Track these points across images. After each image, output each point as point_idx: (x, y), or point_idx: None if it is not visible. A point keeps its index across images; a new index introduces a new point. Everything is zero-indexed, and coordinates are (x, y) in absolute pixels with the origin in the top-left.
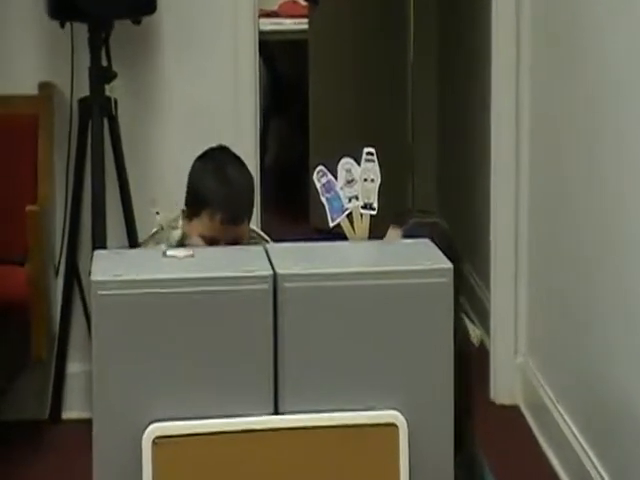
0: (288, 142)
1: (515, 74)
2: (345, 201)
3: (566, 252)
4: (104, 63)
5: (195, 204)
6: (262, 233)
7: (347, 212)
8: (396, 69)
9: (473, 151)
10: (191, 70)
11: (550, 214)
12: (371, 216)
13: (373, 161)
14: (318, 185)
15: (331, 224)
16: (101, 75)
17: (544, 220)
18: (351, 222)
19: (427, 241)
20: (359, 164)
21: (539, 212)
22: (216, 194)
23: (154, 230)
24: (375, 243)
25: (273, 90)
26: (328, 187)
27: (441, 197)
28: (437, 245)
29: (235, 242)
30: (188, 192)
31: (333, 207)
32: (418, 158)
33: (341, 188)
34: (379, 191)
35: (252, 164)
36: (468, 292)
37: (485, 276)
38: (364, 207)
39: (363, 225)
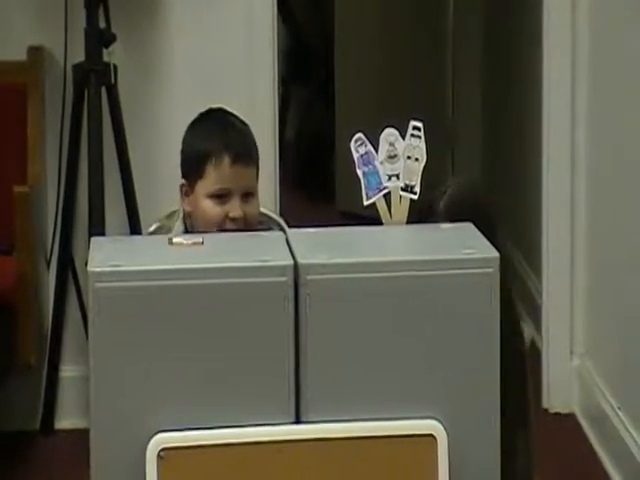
0: (311, 113)
1: (570, 31)
2: (384, 178)
3: (630, 236)
4: (102, 24)
5: (196, 164)
6: (275, 216)
7: (385, 192)
8: (434, 29)
9: (523, 125)
10: (200, 32)
11: (611, 194)
12: (411, 200)
13: (420, 137)
14: (355, 155)
15: (365, 202)
16: (99, 38)
17: (604, 201)
18: (388, 204)
19: (470, 225)
20: (403, 137)
21: (598, 193)
22: (219, 138)
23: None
24: (411, 228)
25: (294, 53)
26: (366, 159)
27: (486, 177)
28: (478, 217)
29: (248, 194)
30: (184, 159)
31: (370, 183)
32: (459, 132)
33: (381, 163)
34: (423, 173)
35: (270, 138)
36: (516, 284)
37: (536, 265)
38: (404, 189)
39: (402, 209)
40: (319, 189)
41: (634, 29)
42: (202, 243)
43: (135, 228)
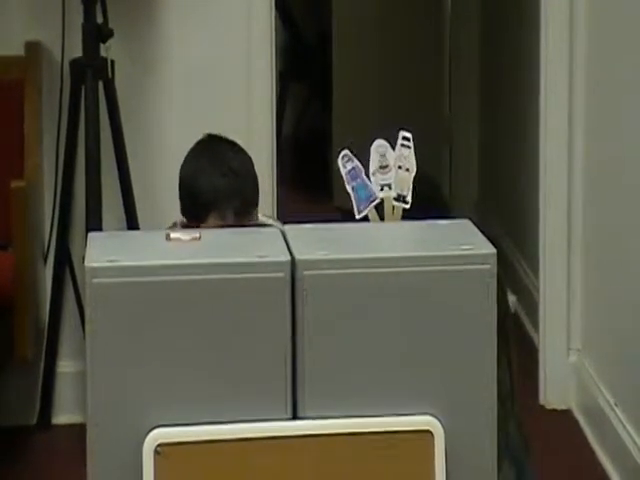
0: (308, 110)
1: (568, 24)
2: (376, 189)
3: (627, 232)
4: (99, 19)
5: (199, 209)
6: (274, 222)
7: (376, 202)
8: (432, 26)
9: (521, 124)
10: (197, 27)
11: (608, 191)
12: (403, 210)
13: (409, 147)
14: (343, 172)
15: (357, 216)
16: (96, 33)
17: (601, 198)
18: (379, 213)
19: (467, 222)
20: (393, 147)
21: (595, 188)
22: (223, 189)
23: None
24: (408, 224)
25: (291, 50)
26: (354, 174)
27: (483, 173)
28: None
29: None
30: (185, 199)
31: (360, 197)
32: (457, 130)
33: (373, 173)
34: (414, 182)
35: (267, 135)
36: (513, 279)
37: (533, 261)
38: (396, 199)
39: (395, 218)
40: (316, 185)
41: (632, 28)
42: (199, 239)
43: (132, 223)
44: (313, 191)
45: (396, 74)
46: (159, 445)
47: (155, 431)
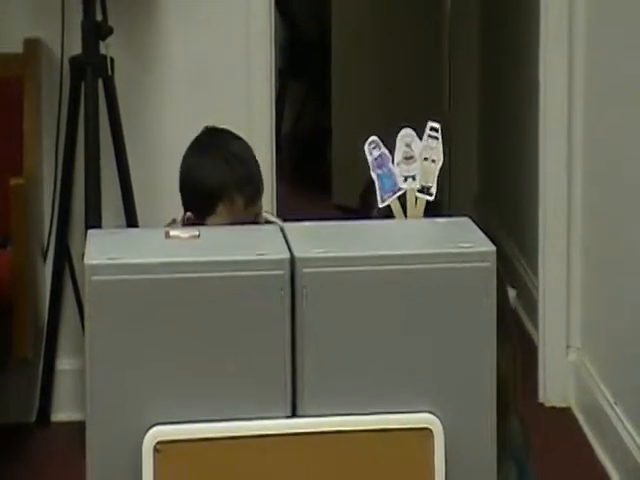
0: (307, 108)
1: (568, 23)
2: (400, 179)
3: (627, 229)
4: (99, 17)
5: (207, 201)
6: (274, 218)
7: (400, 193)
8: (431, 25)
9: (520, 123)
10: (197, 24)
11: (607, 190)
12: (427, 202)
13: (437, 138)
14: (369, 158)
15: (380, 204)
16: (95, 30)
17: (600, 196)
18: (402, 205)
19: (467, 220)
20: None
21: (595, 187)
22: (231, 178)
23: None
24: (408, 222)
25: (291, 48)
26: (380, 162)
27: (483, 171)
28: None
29: (256, 220)
30: (190, 192)
31: (384, 185)
32: (456, 129)
33: (397, 164)
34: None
35: (266, 132)
36: (513, 278)
37: (532, 259)
38: (420, 190)
39: (417, 210)
40: (316, 183)
41: (632, 24)
42: (199, 236)
43: (132, 220)
44: (312, 189)
45: (395, 72)
46: (158, 443)
47: (154, 429)
